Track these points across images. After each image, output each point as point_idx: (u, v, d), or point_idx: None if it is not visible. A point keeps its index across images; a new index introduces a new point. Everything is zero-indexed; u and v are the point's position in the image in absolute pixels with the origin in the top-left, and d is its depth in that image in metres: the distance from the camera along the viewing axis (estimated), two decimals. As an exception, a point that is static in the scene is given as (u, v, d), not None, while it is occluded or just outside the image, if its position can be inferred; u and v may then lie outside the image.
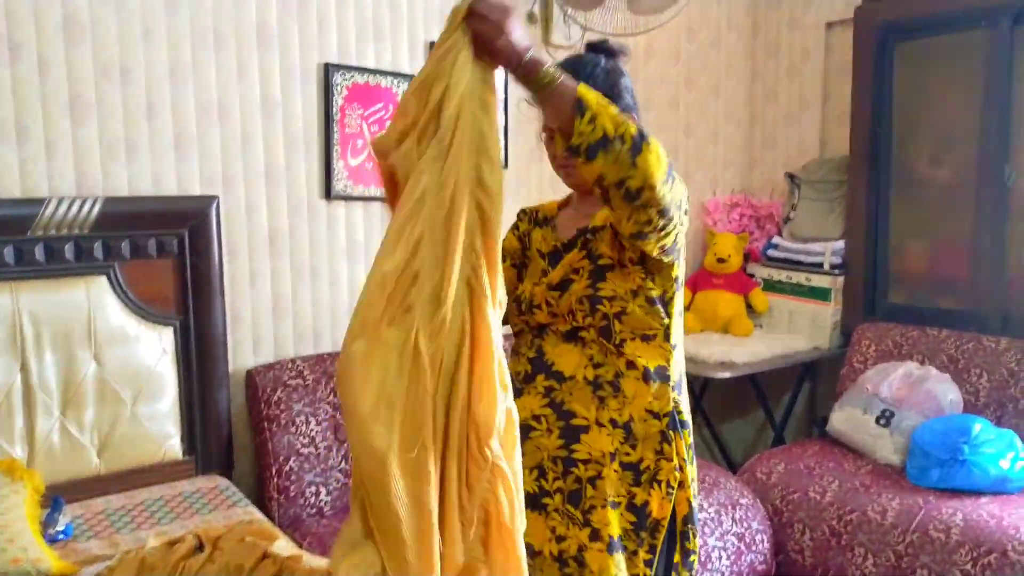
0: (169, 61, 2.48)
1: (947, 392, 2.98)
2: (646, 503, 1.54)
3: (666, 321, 1.57)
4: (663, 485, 1.54)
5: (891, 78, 3.52)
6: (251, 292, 2.69)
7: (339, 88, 2.79)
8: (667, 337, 1.57)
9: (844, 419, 3.14)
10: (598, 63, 1.60)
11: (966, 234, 3.35)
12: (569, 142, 1.30)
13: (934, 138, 3.48)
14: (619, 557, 1.51)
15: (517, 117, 3.31)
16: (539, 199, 3.39)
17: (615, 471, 1.53)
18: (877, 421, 3.02)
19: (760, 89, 4.16)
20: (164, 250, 2.44)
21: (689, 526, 1.59)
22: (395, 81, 2.91)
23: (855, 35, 3.63)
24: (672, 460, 1.55)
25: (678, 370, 1.61)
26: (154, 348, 2.42)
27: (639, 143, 1.30)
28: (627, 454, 1.54)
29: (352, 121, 2.83)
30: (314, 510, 2.60)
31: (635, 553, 1.54)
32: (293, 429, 2.60)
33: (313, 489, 2.60)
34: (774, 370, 3.52)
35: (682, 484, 1.57)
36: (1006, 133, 3.16)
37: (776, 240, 3.83)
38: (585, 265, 1.57)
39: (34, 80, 2.26)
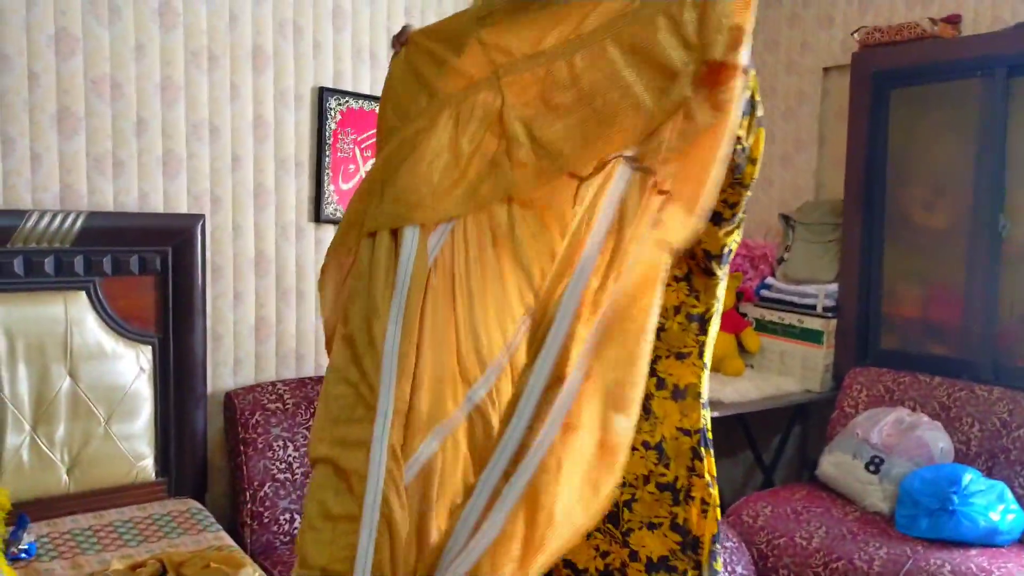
0: (161, 78, 2.48)
1: (938, 440, 2.93)
2: (687, 520, 1.53)
3: (702, 339, 1.58)
4: (698, 501, 1.54)
5: (886, 123, 3.53)
6: (234, 313, 2.66)
7: (333, 112, 2.78)
8: (701, 355, 1.58)
9: (833, 464, 3.09)
10: None
11: (959, 281, 3.32)
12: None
13: (928, 184, 3.47)
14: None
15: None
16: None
17: (650, 493, 1.54)
18: (867, 467, 2.97)
19: (757, 130, 4.17)
20: (147, 267, 2.41)
21: (716, 546, 1.56)
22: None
23: (851, 80, 3.64)
24: (704, 477, 1.54)
25: (707, 388, 1.61)
26: (131, 366, 2.38)
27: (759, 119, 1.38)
28: (662, 475, 1.54)
29: (345, 146, 2.82)
30: (287, 538, 2.53)
31: (684, 573, 1.53)
32: (270, 454, 2.55)
33: (287, 516, 2.54)
34: (764, 411, 3.47)
35: (714, 503, 1.56)
36: (1000, 182, 3.15)
37: (769, 281, 3.81)
38: None
39: (22, 91, 2.26)
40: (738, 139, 1.31)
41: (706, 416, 1.58)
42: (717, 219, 1.44)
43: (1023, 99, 3.10)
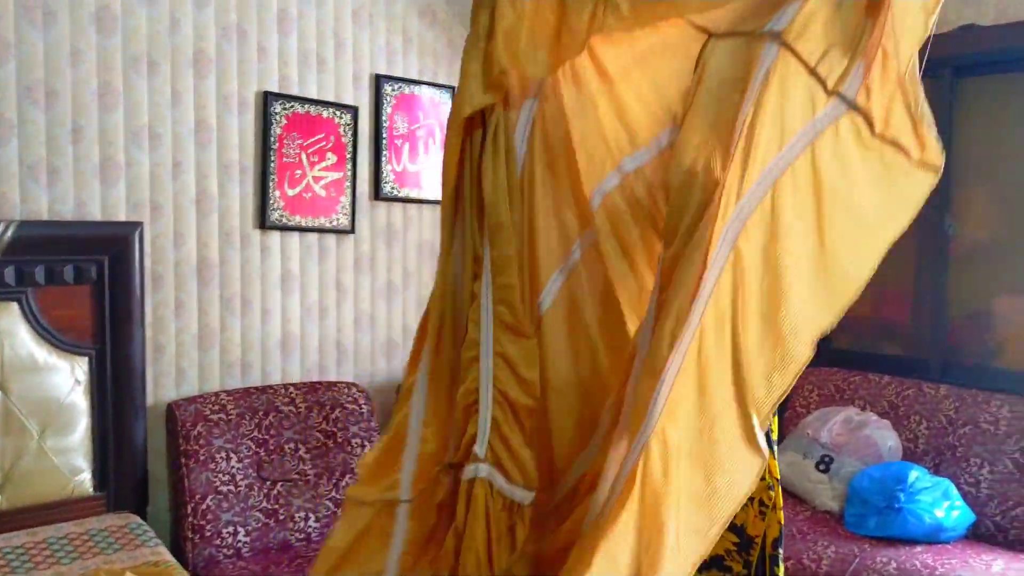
0: (99, 84, 2.43)
1: (886, 439, 2.96)
2: (744, 522, 1.57)
3: None
4: (755, 503, 1.56)
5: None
6: (176, 322, 2.61)
7: (278, 117, 2.75)
8: None
9: (785, 464, 3.09)
10: None
11: (909, 282, 3.36)
12: None
13: (878, 185, 3.50)
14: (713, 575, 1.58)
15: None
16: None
17: None
18: (817, 467, 2.98)
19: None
20: (82, 277, 2.36)
21: (779, 550, 1.59)
22: (337, 112, 2.88)
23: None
24: (764, 478, 1.55)
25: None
26: (66, 378, 2.32)
27: None
28: None
29: (291, 151, 2.79)
30: (231, 551, 2.49)
31: (731, 570, 1.58)
32: (212, 465, 2.50)
33: (231, 529, 2.49)
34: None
35: (774, 505, 1.58)
36: (947, 184, 3.18)
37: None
38: None
39: (-50, 98, 2.20)
40: None
41: (773, 416, 1.56)
42: None
43: (970, 100, 3.15)
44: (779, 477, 1.63)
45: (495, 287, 1.56)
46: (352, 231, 2.96)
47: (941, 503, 2.66)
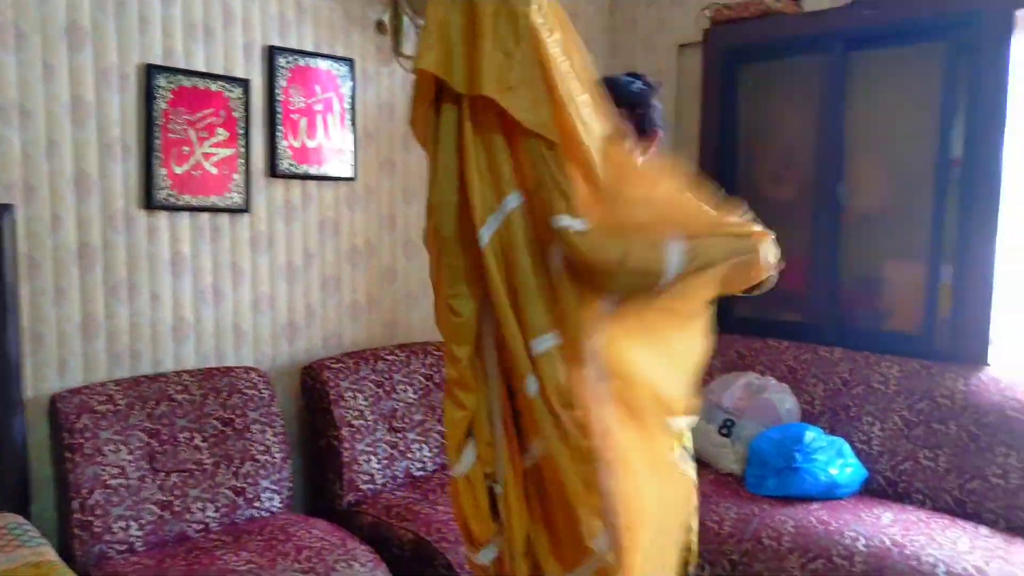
0: (-42, 57, 2.27)
1: (784, 402, 3.05)
2: None
3: None
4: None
5: (736, 99, 3.63)
6: (56, 311, 2.47)
7: (162, 91, 2.62)
8: None
9: (690, 431, 3.16)
10: (634, 82, 1.80)
11: (805, 250, 3.46)
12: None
13: (776, 158, 3.59)
14: None
15: (366, 129, 3.22)
16: (390, 211, 3.32)
17: None
18: (719, 431, 3.06)
19: (616, 107, 4.21)
20: (-54, 263, 2.20)
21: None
22: (227, 86, 2.77)
23: (703, 57, 3.72)
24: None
25: None
26: (-67, 372, 2.17)
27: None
28: None
29: (177, 127, 2.66)
30: (123, 547, 2.39)
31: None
32: (100, 459, 2.39)
33: (122, 524, 2.39)
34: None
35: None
36: (839, 152, 3.29)
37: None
38: None
39: None
40: None
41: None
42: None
43: (860, 72, 3.24)
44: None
45: None
46: (247, 210, 2.86)
47: (835, 461, 2.76)
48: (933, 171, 3.02)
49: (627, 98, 1.67)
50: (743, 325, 3.58)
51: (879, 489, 2.87)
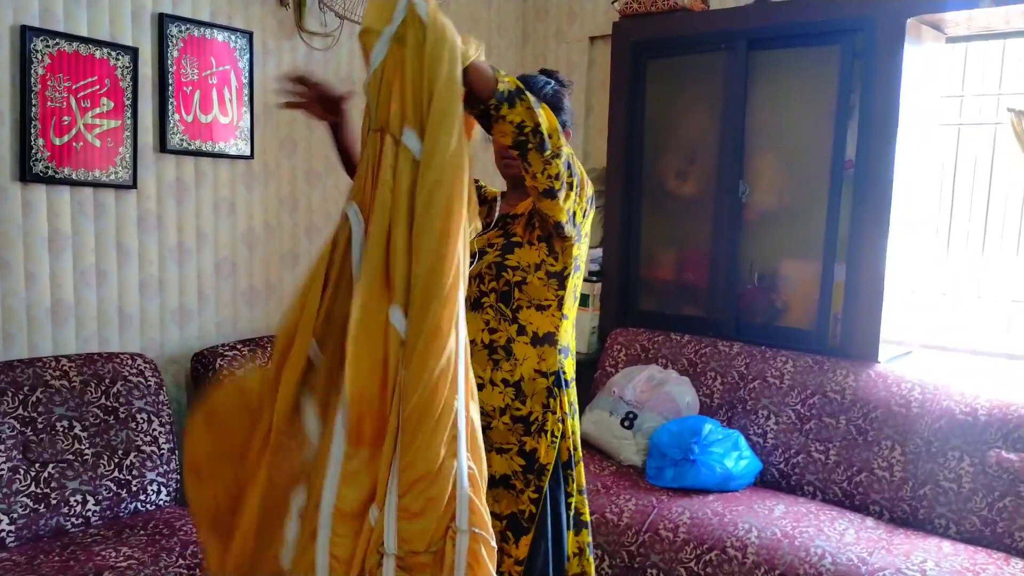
0: None
1: (685, 394, 3.10)
2: (535, 450, 1.79)
3: (560, 293, 1.82)
4: (548, 435, 1.80)
5: (644, 94, 3.65)
6: (-85, 288, 2.27)
7: (39, 55, 2.43)
8: (559, 307, 1.82)
9: (592, 422, 3.18)
10: (548, 83, 1.90)
11: (707, 246, 3.52)
12: (491, 100, 1.48)
13: (681, 153, 3.64)
14: (500, 493, 1.78)
15: (266, 106, 3.09)
16: (291, 192, 3.20)
17: (504, 423, 1.79)
18: (622, 423, 3.08)
19: (527, 97, 4.18)
20: None
21: (568, 472, 1.85)
22: (113, 53, 2.59)
23: (612, 51, 3.73)
24: (556, 413, 1.81)
25: (566, 337, 1.86)
26: None
27: (536, 100, 1.55)
28: (518, 409, 1.79)
29: (57, 94, 2.48)
30: (-11, 543, 2.22)
31: (521, 491, 1.79)
32: (-34, 449, 2.21)
33: (-13, 517, 2.22)
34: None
35: (564, 434, 1.83)
36: (741, 150, 3.35)
37: (538, 246, 3.84)
38: (499, 241, 1.83)
39: None
40: (519, 125, 1.52)
41: (562, 361, 1.84)
42: (552, 193, 1.64)
43: (762, 72, 3.31)
44: (568, 411, 1.85)
45: None
46: (134, 186, 2.69)
47: (731, 453, 2.82)
48: (828, 171, 3.11)
49: (541, 100, 1.69)
50: (647, 319, 3.62)
51: (773, 481, 2.95)
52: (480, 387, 1.74)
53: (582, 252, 1.86)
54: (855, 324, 3.04)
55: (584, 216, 1.81)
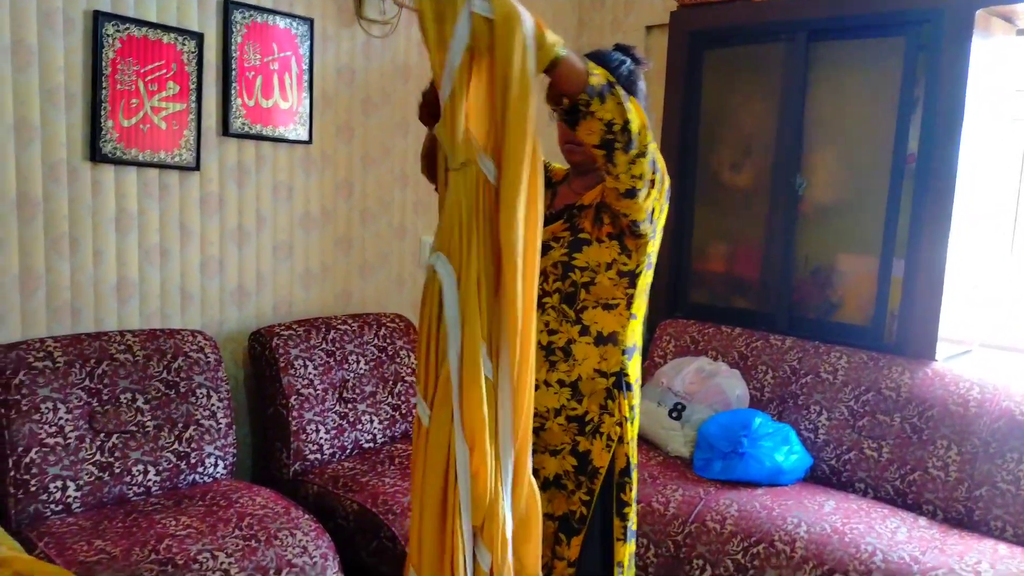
0: None
1: (735, 387, 3.08)
2: (588, 451, 1.73)
3: (631, 292, 1.72)
4: (604, 437, 1.72)
5: (700, 84, 3.62)
6: (-9, 262, 2.37)
7: (110, 40, 2.51)
8: (628, 306, 1.73)
9: (641, 412, 3.17)
10: (624, 62, 1.74)
11: (761, 239, 3.48)
12: (581, 95, 1.39)
13: (736, 145, 3.60)
14: (553, 493, 1.74)
15: (324, 92, 3.14)
16: (347, 178, 3.25)
17: (559, 424, 1.73)
18: (670, 414, 3.07)
19: (581, 86, 4.18)
20: None
21: (625, 479, 1.76)
22: (180, 39, 2.66)
23: (669, 40, 3.70)
24: (614, 415, 1.73)
25: (633, 338, 1.77)
26: None
27: (625, 94, 1.45)
28: (573, 408, 1.72)
29: (126, 78, 2.55)
30: (60, 507, 2.31)
31: (573, 492, 1.74)
32: (37, 417, 2.30)
33: (59, 484, 2.31)
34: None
35: (622, 439, 1.74)
36: (798, 143, 3.31)
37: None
38: (566, 236, 1.72)
39: None
40: (608, 122, 1.42)
41: (626, 362, 1.75)
42: (632, 193, 1.55)
43: (822, 63, 3.26)
44: (628, 416, 1.76)
45: None
46: (197, 168, 2.77)
47: (781, 448, 2.79)
48: (889, 165, 3.05)
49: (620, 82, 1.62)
50: (697, 311, 3.60)
51: (823, 477, 2.92)
52: (535, 388, 1.66)
53: (655, 248, 1.76)
54: (913, 321, 2.98)
55: (661, 211, 1.70)
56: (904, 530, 2.46)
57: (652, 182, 1.57)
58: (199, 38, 2.71)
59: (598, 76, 1.40)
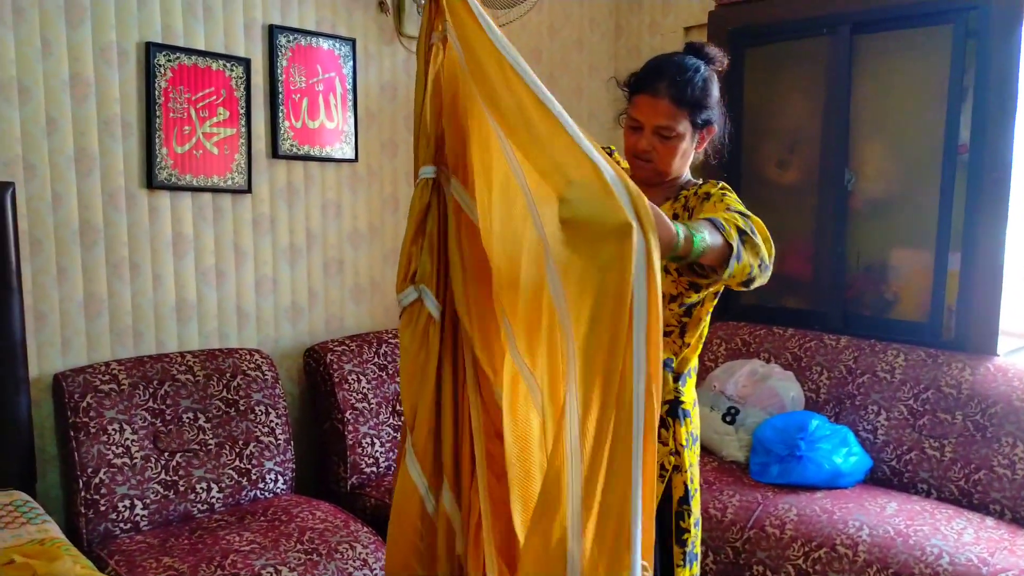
0: (-43, 32, 2.23)
1: (789, 389, 3.04)
2: None
3: (685, 320, 1.65)
4: (656, 466, 1.56)
5: (742, 82, 3.59)
6: (58, 289, 2.46)
7: (162, 69, 2.59)
8: (682, 335, 1.67)
9: (693, 417, 3.15)
10: (698, 69, 1.63)
11: (810, 236, 3.44)
12: (723, 270, 1.39)
13: (782, 141, 3.56)
14: None
15: (368, 110, 3.19)
16: (393, 193, 3.30)
17: None
18: (723, 419, 3.04)
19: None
20: (-52, 241, 2.18)
21: (684, 507, 1.69)
22: (228, 65, 2.73)
23: (708, 39, 3.68)
24: (668, 444, 1.67)
25: (688, 365, 1.71)
26: (-66, 351, 2.16)
27: (751, 226, 1.45)
28: None
29: (178, 106, 2.63)
30: (128, 525, 2.39)
31: None
32: (104, 438, 2.38)
33: (127, 503, 2.39)
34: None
35: (679, 468, 1.68)
36: (845, 137, 3.26)
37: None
38: None
39: None
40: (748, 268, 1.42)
41: (680, 389, 1.69)
42: (749, 284, 1.47)
43: (866, 56, 3.21)
44: (685, 444, 1.70)
45: None
46: (249, 190, 2.83)
47: (840, 450, 2.75)
48: (940, 157, 2.98)
49: (691, 92, 1.59)
50: (748, 312, 3.56)
51: (884, 478, 2.86)
52: None
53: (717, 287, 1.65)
54: (971, 315, 2.91)
55: None
56: (971, 531, 2.41)
57: (761, 268, 1.49)
58: (246, 63, 2.77)
59: (732, 232, 1.38)
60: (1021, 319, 2.97)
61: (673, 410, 1.68)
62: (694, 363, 1.75)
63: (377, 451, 2.91)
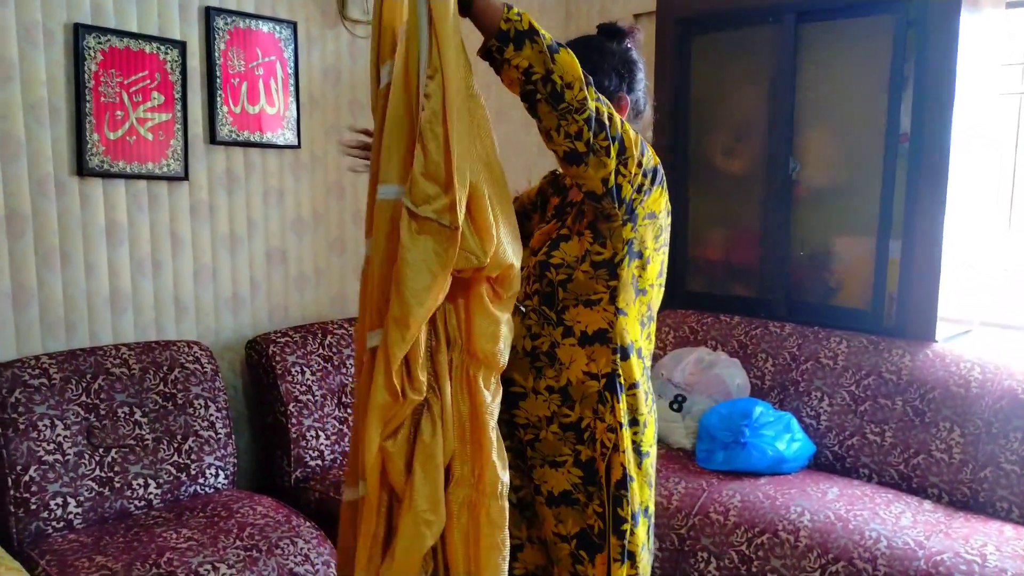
0: None
1: (735, 376, 3.06)
2: (592, 459, 1.60)
3: (612, 284, 1.57)
4: (597, 444, 1.58)
5: (689, 71, 3.59)
6: (-18, 281, 2.36)
7: (92, 52, 2.49)
8: (612, 300, 1.57)
9: (641, 405, 3.16)
10: (611, 50, 1.65)
11: (756, 224, 3.46)
12: (497, 38, 1.33)
13: (728, 130, 3.57)
14: (563, 511, 1.62)
15: (311, 95, 3.12)
16: (337, 180, 3.23)
17: (553, 433, 1.61)
18: (671, 406, 3.06)
19: (571, 77, 4.15)
20: None
21: (622, 492, 1.58)
22: (162, 48, 2.64)
23: (656, 27, 3.67)
24: (605, 421, 1.58)
25: (625, 337, 1.59)
26: None
27: (556, 45, 1.36)
28: (566, 415, 1.60)
29: (109, 90, 2.54)
30: (61, 524, 2.31)
31: (586, 505, 1.60)
32: (35, 435, 2.30)
33: (59, 501, 2.31)
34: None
35: (616, 447, 1.57)
36: (790, 126, 3.28)
37: (584, 228, 3.82)
38: (553, 235, 1.64)
39: None
40: (527, 70, 1.35)
41: (617, 361, 1.58)
42: (575, 158, 1.41)
43: (811, 45, 3.22)
44: (623, 422, 1.58)
45: None
46: (186, 177, 2.75)
47: (783, 436, 2.78)
48: (882, 145, 3.02)
49: (613, 67, 1.62)
50: (695, 300, 3.58)
51: (827, 464, 2.91)
52: (523, 396, 1.63)
53: (641, 236, 1.56)
54: (911, 302, 2.96)
55: (640, 192, 1.51)
56: (909, 515, 2.45)
57: (606, 150, 1.40)
58: (182, 46, 2.68)
59: (515, 20, 1.32)
60: (959, 306, 3.03)
61: (611, 384, 1.58)
62: (638, 338, 1.63)
63: (322, 444, 2.87)
